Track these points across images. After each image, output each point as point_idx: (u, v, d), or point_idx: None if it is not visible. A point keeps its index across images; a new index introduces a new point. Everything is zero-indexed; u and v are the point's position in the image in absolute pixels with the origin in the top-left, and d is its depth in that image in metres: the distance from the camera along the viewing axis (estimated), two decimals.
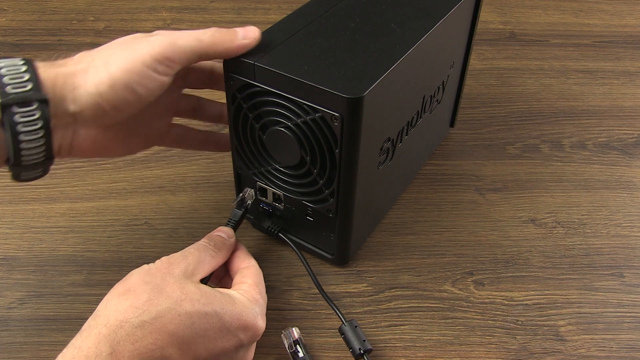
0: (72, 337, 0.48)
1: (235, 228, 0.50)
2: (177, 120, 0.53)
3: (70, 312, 0.50)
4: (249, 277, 0.46)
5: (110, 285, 0.52)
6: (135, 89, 0.41)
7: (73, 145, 0.43)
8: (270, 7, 0.95)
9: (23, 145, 0.39)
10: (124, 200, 0.60)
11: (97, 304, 0.50)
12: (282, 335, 0.47)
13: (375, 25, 0.49)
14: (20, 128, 0.38)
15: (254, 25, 0.45)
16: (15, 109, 0.38)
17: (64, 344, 0.47)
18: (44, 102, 0.39)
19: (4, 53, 0.82)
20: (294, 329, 0.47)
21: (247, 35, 0.44)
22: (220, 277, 0.49)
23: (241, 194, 0.52)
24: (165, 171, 0.64)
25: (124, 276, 0.52)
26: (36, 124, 0.39)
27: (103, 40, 0.85)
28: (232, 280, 0.47)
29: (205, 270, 0.44)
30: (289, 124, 0.45)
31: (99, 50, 0.43)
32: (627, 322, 0.51)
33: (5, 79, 0.38)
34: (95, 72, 0.41)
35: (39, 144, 0.39)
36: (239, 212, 0.51)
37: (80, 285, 0.52)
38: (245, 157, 0.51)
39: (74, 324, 0.49)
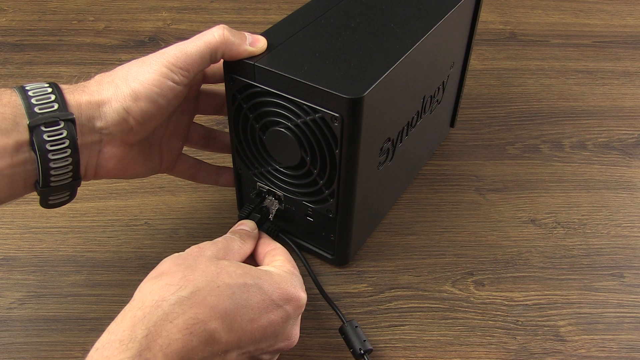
0: (73, 337, 0.48)
1: (256, 219, 0.51)
2: (188, 151, 0.54)
3: (70, 313, 0.50)
4: (279, 255, 0.46)
5: (110, 285, 0.52)
6: (156, 100, 0.43)
7: (99, 164, 0.44)
8: (270, 7, 0.95)
9: (51, 165, 0.40)
10: (124, 201, 0.60)
11: (97, 304, 0.51)
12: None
13: (375, 25, 0.49)
14: (48, 147, 0.39)
15: (254, 26, 0.45)
16: (43, 129, 0.39)
17: (64, 344, 0.48)
18: (70, 121, 0.40)
19: (4, 53, 0.82)
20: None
21: (255, 43, 0.45)
22: None
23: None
24: None
25: (124, 277, 0.53)
26: (63, 143, 0.40)
27: (103, 40, 0.86)
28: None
29: (234, 259, 0.44)
30: (289, 124, 0.45)
31: (116, 70, 0.44)
32: (627, 323, 0.51)
33: (33, 100, 0.39)
34: (116, 89, 0.42)
35: (66, 162, 0.40)
36: (256, 201, 0.52)
37: (80, 285, 0.52)
38: (245, 158, 0.51)
39: (74, 324, 0.49)
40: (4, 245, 0.56)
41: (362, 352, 0.45)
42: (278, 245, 0.48)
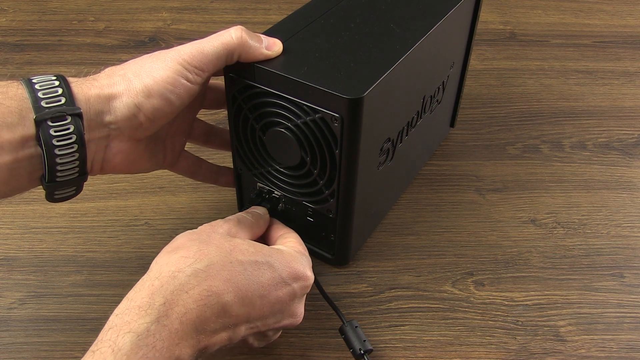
0: (73, 337, 0.48)
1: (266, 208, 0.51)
2: (190, 147, 0.53)
3: (70, 313, 0.50)
4: (291, 237, 0.47)
5: (110, 285, 0.52)
6: (169, 97, 0.42)
7: (106, 159, 0.44)
8: (270, 7, 0.95)
9: (58, 160, 0.39)
10: (124, 201, 0.60)
11: (98, 304, 0.51)
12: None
13: (375, 25, 0.49)
14: (54, 142, 0.39)
15: (254, 26, 0.45)
16: (50, 124, 0.38)
17: (64, 344, 0.48)
18: (77, 116, 0.39)
19: (4, 53, 0.82)
20: None
21: (272, 47, 0.44)
22: None
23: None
24: (165, 171, 0.63)
25: (124, 277, 0.53)
26: (70, 138, 0.39)
27: (103, 40, 0.86)
28: None
29: (245, 237, 0.45)
30: (289, 124, 0.45)
31: (128, 63, 0.43)
32: (627, 323, 0.51)
33: (40, 94, 0.39)
34: (128, 83, 0.41)
35: (72, 158, 0.40)
36: (256, 201, 0.52)
37: (81, 285, 0.52)
38: (245, 158, 0.51)
39: (74, 324, 0.49)
40: (4, 245, 0.56)
41: (362, 352, 0.45)
42: (290, 229, 0.49)
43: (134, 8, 0.94)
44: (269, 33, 0.47)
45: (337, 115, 0.42)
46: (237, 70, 0.45)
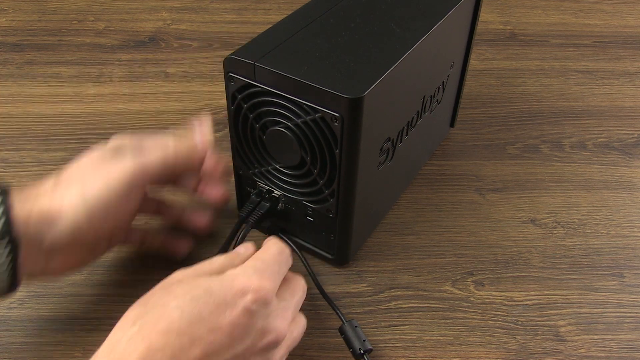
0: (73, 337, 0.48)
1: (265, 208, 0.52)
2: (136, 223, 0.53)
3: (70, 313, 0.50)
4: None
5: (110, 285, 0.52)
6: (113, 216, 0.44)
7: (46, 270, 0.44)
8: (270, 7, 0.95)
9: None
10: None
11: (97, 304, 0.51)
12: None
13: (375, 25, 0.49)
14: None
15: (254, 26, 0.45)
16: None
17: (64, 344, 0.48)
18: (13, 241, 0.39)
19: (4, 53, 0.82)
20: None
21: (203, 138, 0.47)
22: None
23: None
24: None
25: (124, 277, 0.53)
26: (4, 263, 0.39)
27: (103, 40, 0.86)
28: None
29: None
30: (289, 124, 0.45)
31: (71, 174, 0.44)
32: (627, 322, 0.51)
33: None
34: (70, 205, 0.42)
35: (3, 277, 0.40)
36: (256, 200, 0.52)
37: (80, 285, 0.52)
38: (245, 158, 0.51)
39: (73, 324, 0.49)
40: None
41: (361, 352, 0.45)
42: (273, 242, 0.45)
43: (134, 8, 0.94)
44: (270, 33, 0.47)
45: (337, 114, 0.42)
46: (237, 69, 0.45)
